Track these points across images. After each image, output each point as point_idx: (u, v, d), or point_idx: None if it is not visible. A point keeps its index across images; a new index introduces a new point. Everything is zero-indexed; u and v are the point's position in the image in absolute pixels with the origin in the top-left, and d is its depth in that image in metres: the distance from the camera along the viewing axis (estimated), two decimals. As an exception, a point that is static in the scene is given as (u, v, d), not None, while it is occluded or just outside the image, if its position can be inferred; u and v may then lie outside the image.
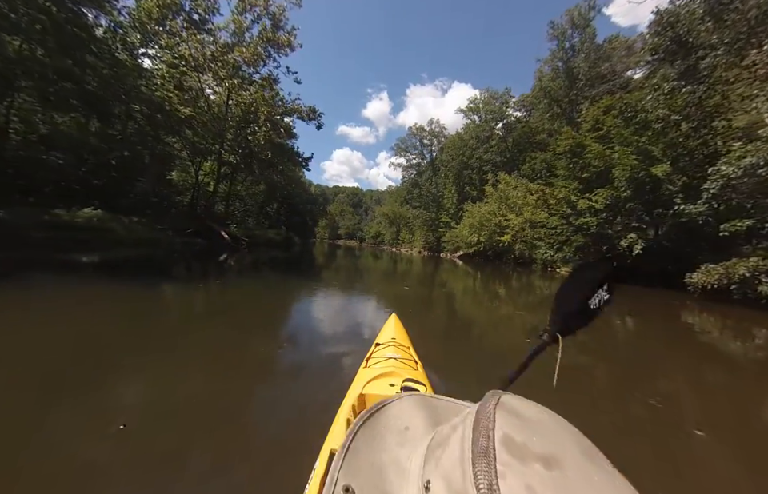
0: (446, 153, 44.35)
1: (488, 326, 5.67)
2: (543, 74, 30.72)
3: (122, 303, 4.29)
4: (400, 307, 3.27)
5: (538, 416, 0.27)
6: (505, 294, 9.87)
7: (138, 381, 2.26)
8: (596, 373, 3.43)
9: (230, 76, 15.58)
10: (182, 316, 4.28)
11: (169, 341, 3.15)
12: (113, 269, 7.18)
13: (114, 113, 16.71)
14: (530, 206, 24.83)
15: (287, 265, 12.84)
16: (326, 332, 3.97)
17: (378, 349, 1.57)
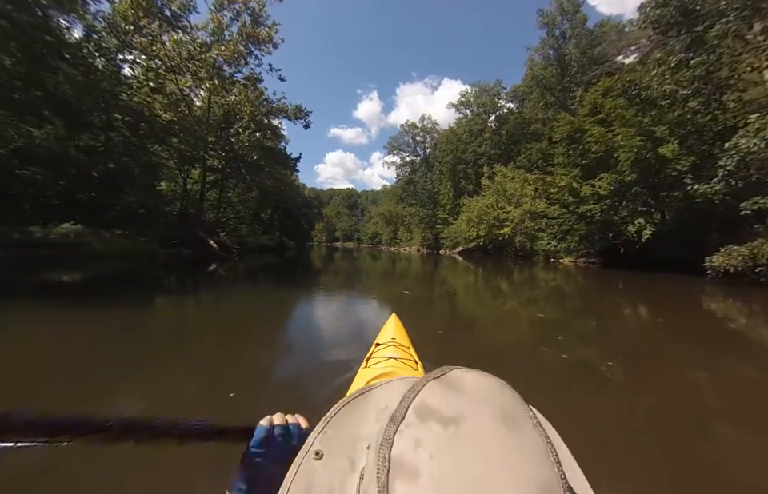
0: (439, 148, 43.60)
1: (496, 327, 4.87)
2: (534, 63, 30.03)
3: (95, 329, 3.59)
4: (401, 312, 2.76)
5: (474, 383, 0.28)
6: (509, 289, 9.15)
7: (129, 400, 2.15)
8: (610, 376, 2.83)
9: (210, 76, 14.68)
10: (168, 332, 3.92)
11: (159, 356, 2.95)
12: (91, 288, 6.30)
13: (94, 123, 15.78)
14: (528, 197, 24.12)
15: (280, 272, 11.99)
16: (321, 340, 3.77)
17: (378, 349, 1.55)
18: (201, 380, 2.47)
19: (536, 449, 0.23)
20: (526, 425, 0.25)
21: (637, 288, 9.16)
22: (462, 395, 0.27)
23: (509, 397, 0.27)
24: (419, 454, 0.23)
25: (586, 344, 3.73)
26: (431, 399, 0.27)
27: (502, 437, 0.24)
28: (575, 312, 5.90)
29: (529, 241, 24.04)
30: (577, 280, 11.36)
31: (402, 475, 0.22)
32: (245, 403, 2.06)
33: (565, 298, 7.45)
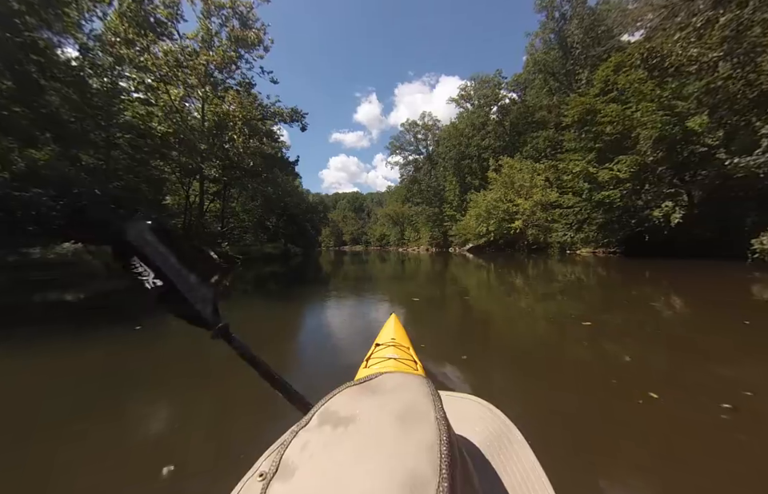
0: (442, 144, 42.55)
1: (533, 344, 3.92)
2: (535, 49, 28.81)
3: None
4: (413, 330, 2.63)
5: (393, 387, 0.28)
6: (530, 288, 8.12)
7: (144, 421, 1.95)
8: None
9: (201, 84, 14.12)
10: (172, 354, 3.48)
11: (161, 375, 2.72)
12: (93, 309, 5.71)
13: (95, 142, 15.43)
14: (538, 188, 22.99)
15: (282, 281, 11.27)
16: (321, 341, 3.63)
17: (378, 350, 1.55)
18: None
19: (423, 443, 0.23)
20: (425, 422, 0.24)
21: (679, 279, 8.07)
22: (372, 397, 0.27)
23: (421, 395, 0.27)
24: (302, 455, 0.23)
25: (676, 379, 2.47)
26: (337, 403, 0.27)
27: (391, 432, 0.24)
28: (627, 317, 4.87)
29: (542, 233, 22.88)
30: (601, 273, 10.32)
31: (282, 476, 0.22)
32: (243, 405, 2.03)
33: (606, 297, 6.40)
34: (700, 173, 11.66)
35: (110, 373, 2.68)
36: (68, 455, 1.60)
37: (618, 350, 3.12)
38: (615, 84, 13.91)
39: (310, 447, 0.24)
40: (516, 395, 2.28)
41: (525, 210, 23.17)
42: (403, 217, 53.18)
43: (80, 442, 1.69)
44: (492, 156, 32.42)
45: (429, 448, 0.22)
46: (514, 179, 25.26)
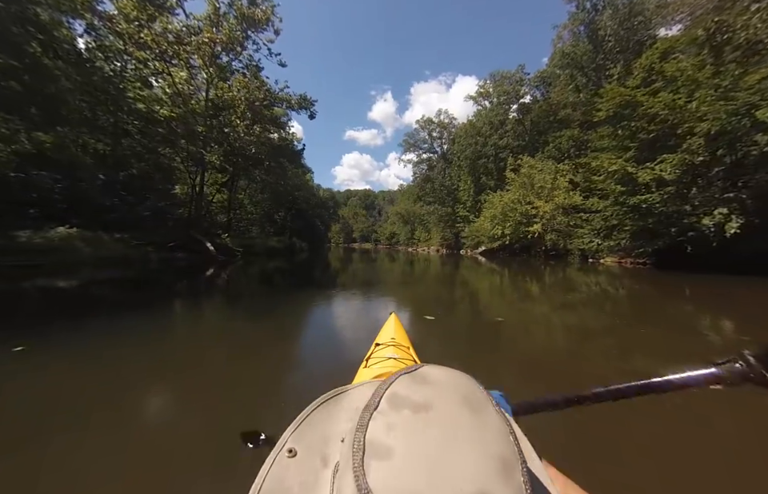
0: (457, 143, 40.87)
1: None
2: (563, 41, 26.86)
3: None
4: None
5: (441, 377, 0.29)
6: (546, 296, 6.97)
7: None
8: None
9: (206, 65, 13.22)
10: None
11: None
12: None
13: (100, 126, 14.81)
14: (561, 189, 21.26)
15: (283, 279, 10.25)
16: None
17: (378, 349, 1.52)
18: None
19: (497, 429, 0.25)
20: (489, 409, 0.26)
21: (729, 299, 6.69)
22: (430, 385, 0.28)
23: (472, 387, 0.29)
24: (391, 436, 0.24)
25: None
26: (402, 389, 0.28)
27: (467, 418, 0.25)
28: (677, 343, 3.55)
29: (562, 238, 21.16)
30: (634, 288, 8.83)
31: (376, 455, 0.23)
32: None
33: (665, 319, 5.03)
34: (754, 177, 9.95)
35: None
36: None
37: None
38: (661, 73, 12.20)
39: (398, 428, 0.24)
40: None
41: (545, 213, 21.48)
42: (414, 216, 51.77)
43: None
44: (510, 155, 30.66)
45: (504, 435, 0.24)
46: (534, 180, 23.55)
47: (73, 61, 13.69)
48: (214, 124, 13.05)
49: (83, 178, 14.21)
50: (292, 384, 2.43)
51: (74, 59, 13.81)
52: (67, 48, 13.58)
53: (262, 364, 2.72)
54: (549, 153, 26.20)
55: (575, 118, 26.88)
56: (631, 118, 13.13)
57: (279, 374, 2.58)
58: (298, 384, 2.38)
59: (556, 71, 30.99)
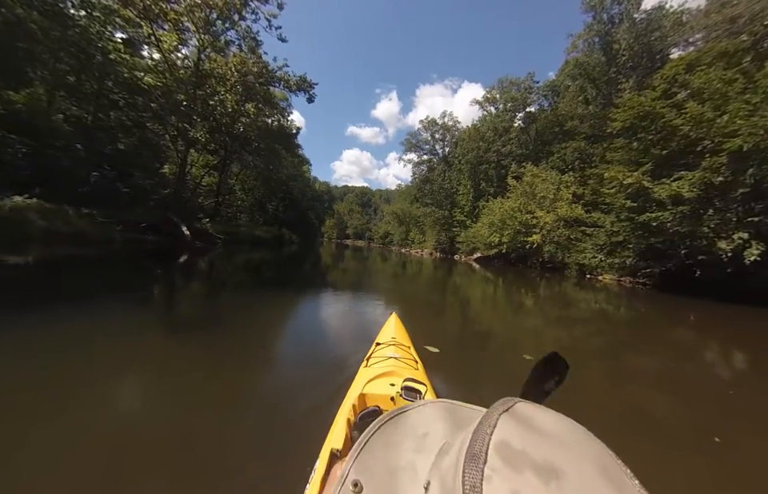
0: (460, 146, 40.02)
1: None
2: (577, 50, 26.12)
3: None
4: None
5: (553, 425, 0.24)
6: (543, 312, 6.22)
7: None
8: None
9: (198, 30, 11.97)
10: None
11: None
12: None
13: (83, 92, 13.37)
14: (564, 201, 20.46)
15: (264, 273, 9.18)
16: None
17: (379, 349, 1.50)
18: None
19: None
20: (627, 484, 0.21)
21: (739, 329, 6.10)
22: (542, 436, 0.23)
23: (599, 448, 0.23)
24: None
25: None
26: (511, 437, 0.22)
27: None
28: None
29: (561, 251, 20.38)
30: (638, 309, 8.27)
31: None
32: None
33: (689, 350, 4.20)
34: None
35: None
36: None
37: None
38: (685, 85, 11.39)
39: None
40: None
41: (545, 224, 20.67)
42: (410, 216, 50.77)
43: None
44: (513, 162, 29.87)
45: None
46: (537, 189, 22.73)
47: (50, 13, 12.36)
48: (197, 95, 11.78)
49: (56, 146, 12.92)
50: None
51: (51, 11, 12.48)
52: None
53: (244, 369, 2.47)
54: (553, 164, 25.44)
55: (582, 131, 26.17)
56: (648, 131, 12.30)
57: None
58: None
59: (566, 82, 30.29)
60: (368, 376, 1.27)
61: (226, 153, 20.57)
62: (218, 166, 22.94)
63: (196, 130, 12.36)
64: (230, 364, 2.57)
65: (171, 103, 11.36)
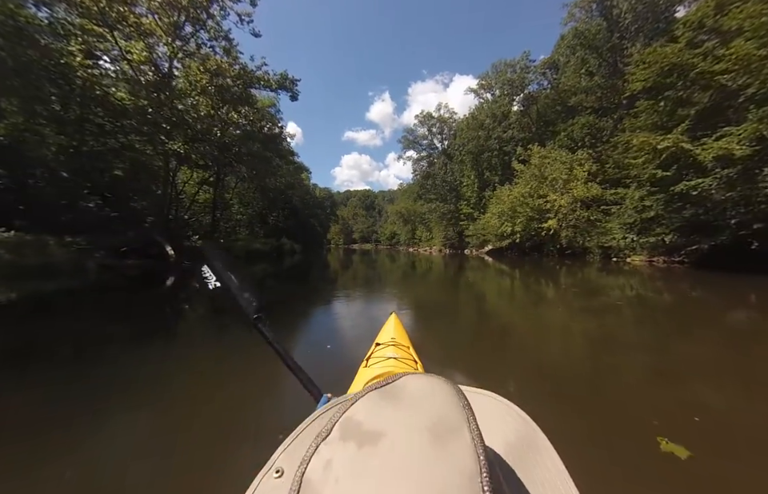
0: (459, 137, 38.47)
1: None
2: (575, 20, 24.40)
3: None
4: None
5: (417, 392, 0.25)
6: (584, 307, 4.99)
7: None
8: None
9: (165, 34, 10.81)
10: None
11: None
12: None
13: (63, 118, 12.31)
14: (579, 180, 18.81)
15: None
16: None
17: (378, 349, 1.49)
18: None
19: (461, 471, 0.20)
20: (461, 439, 0.21)
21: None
22: (396, 405, 0.24)
23: (451, 404, 0.23)
24: (326, 476, 0.21)
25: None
26: (360, 412, 0.24)
27: (422, 455, 0.20)
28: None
29: (580, 235, 18.72)
30: (692, 293, 6.93)
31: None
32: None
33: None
34: None
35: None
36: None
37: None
38: (715, 30, 9.78)
39: (334, 467, 0.21)
40: None
41: (560, 207, 19.04)
42: (415, 214, 49.32)
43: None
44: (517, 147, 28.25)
45: (469, 477, 0.19)
46: (547, 171, 21.10)
47: (10, 32, 11.34)
48: (162, 99, 10.55)
49: (35, 174, 11.94)
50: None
51: (11, 31, 11.46)
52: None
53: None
54: (561, 143, 23.75)
55: (588, 104, 24.46)
56: (676, 87, 10.69)
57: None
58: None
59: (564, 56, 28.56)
60: (368, 377, 1.24)
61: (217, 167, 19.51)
62: (213, 181, 21.93)
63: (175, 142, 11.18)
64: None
65: (138, 110, 10.14)
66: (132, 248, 11.12)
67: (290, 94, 15.26)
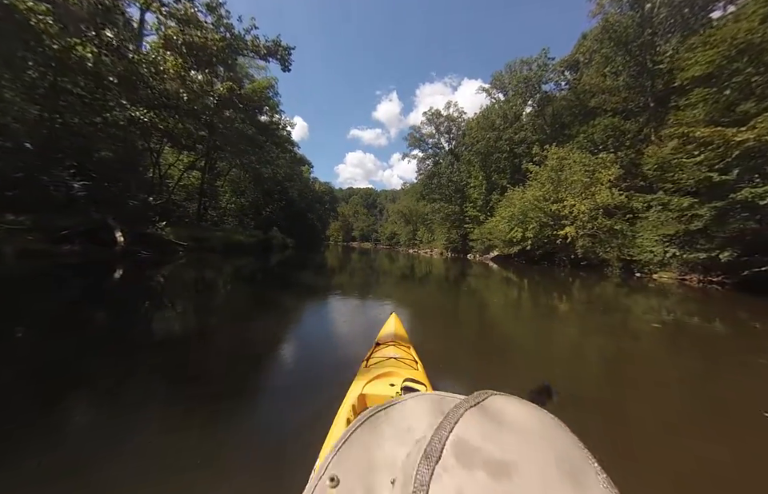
0: (468, 136, 36.34)
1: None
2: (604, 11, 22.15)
3: None
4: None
5: (523, 418, 0.23)
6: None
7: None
8: None
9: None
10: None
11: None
12: None
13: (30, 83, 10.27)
14: (604, 185, 16.69)
15: (226, 295, 6.08)
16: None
17: (378, 349, 1.48)
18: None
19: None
20: (591, 480, 0.19)
21: None
22: (508, 431, 0.22)
23: (567, 442, 0.22)
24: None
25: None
26: (471, 434, 0.22)
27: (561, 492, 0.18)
28: None
29: (599, 245, 16.62)
30: (756, 324, 5.38)
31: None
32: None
33: None
34: None
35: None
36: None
37: None
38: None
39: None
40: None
41: (582, 214, 16.92)
42: (417, 215, 47.20)
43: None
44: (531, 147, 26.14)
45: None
46: (565, 174, 18.97)
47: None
48: (104, 39, 8.33)
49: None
50: (291, 389, 2.09)
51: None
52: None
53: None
54: (579, 145, 21.60)
55: (611, 106, 22.30)
56: (745, 72, 8.57)
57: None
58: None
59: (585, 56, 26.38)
60: (368, 377, 1.24)
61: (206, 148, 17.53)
62: (203, 165, 19.94)
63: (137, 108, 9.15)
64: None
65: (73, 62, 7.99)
66: (78, 231, 9.16)
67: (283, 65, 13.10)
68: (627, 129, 20.62)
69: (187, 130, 12.14)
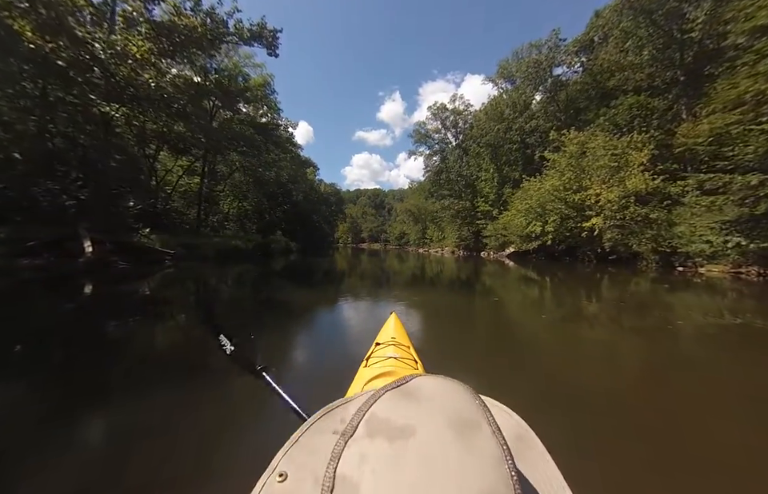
0: (476, 128, 34.47)
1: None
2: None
3: None
4: None
5: (434, 391, 0.26)
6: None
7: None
8: None
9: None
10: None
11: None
12: None
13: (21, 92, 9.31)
14: (635, 168, 14.77)
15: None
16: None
17: (378, 349, 1.46)
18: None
19: (488, 458, 0.21)
20: (482, 432, 0.22)
21: None
22: (417, 403, 0.25)
23: (467, 401, 0.25)
24: (362, 470, 0.21)
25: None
26: (384, 410, 0.25)
27: (451, 446, 0.21)
28: None
29: (632, 237, 14.71)
30: None
31: (344, 492, 0.20)
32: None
33: None
34: None
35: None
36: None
37: None
38: None
39: (370, 461, 0.21)
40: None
41: (610, 202, 15.02)
42: (426, 213, 45.47)
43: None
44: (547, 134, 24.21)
45: (497, 463, 0.21)
46: (587, 161, 17.07)
47: None
48: (52, 20, 7.12)
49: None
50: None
51: None
52: None
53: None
54: (601, 128, 19.62)
55: (634, 84, 20.22)
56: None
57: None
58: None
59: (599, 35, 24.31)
60: (367, 377, 1.22)
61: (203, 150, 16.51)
62: (190, 167, 18.92)
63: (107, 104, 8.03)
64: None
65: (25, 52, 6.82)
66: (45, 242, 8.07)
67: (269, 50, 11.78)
68: (656, 107, 18.56)
69: (177, 132, 10.93)
